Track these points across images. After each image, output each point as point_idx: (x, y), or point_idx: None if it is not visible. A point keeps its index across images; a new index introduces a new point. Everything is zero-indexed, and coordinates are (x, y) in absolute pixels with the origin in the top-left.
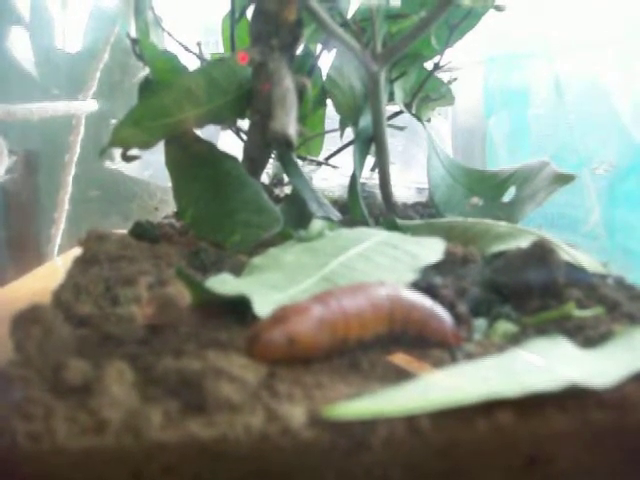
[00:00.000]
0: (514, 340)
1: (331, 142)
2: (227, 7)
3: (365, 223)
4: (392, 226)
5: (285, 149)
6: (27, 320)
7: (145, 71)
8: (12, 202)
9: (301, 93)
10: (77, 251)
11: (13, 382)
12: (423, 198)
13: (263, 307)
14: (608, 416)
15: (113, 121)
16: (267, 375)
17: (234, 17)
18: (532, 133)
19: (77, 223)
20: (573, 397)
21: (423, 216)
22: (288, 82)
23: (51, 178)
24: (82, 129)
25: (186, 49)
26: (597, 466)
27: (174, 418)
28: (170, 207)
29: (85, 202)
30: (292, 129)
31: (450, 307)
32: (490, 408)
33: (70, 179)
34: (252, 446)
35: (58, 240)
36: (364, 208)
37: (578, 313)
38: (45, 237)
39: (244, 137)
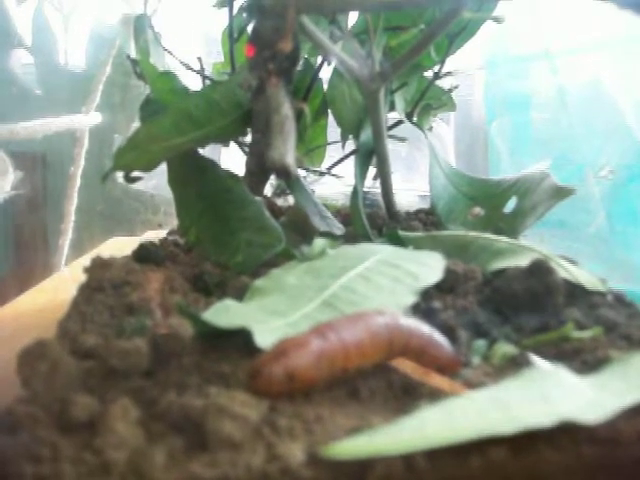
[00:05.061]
0: (513, 364)
1: (334, 150)
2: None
3: (367, 237)
4: (395, 239)
5: (284, 178)
6: (33, 356)
7: (146, 88)
8: (20, 216)
9: (299, 116)
10: (83, 261)
11: (21, 421)
12: (426, 205)
13: (264, 338)
14: (601, 451)
15: (116, 136)
16: (268, 410)
17: (232, 38)
18: (534, 137)
19: (82, 235)
20: (566, 431)
21: (426, 224)
22: (286, 109)
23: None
24: (86, 142)
25: (187, 67)
26: None
27: (177, 458)
28: (175, 219)
29: (90, 215)
30: (290, 158)
31: (449, 331)
32: (484, 444)
33: (75, 191)
34: None
35: (65, 251)
36: (366, 222)
37: (576, 334)
38: (53, 248)
39: (246, 149)
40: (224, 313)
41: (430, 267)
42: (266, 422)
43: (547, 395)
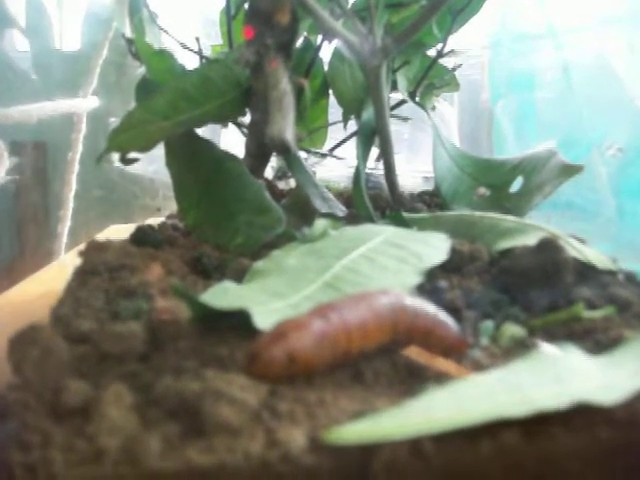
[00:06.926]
0: (522, 345)
1: (336, 131)
2: None
3: (370, 219)
4: (398, 220)
5: (283, 154)
6: (25, 341)
7: (142, 69)
8: (20, 203)
9: (299, 93)
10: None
11: (11, 407)
12: (430, 186)
13: (264, 320)
14: (618, 433)
15: (112, 119)
16: (268, 394)
17: (230, 15)
18: (540, 117)
19: (81, 221)
20: (581, 414)
21: (430, 206)
22: (285, 84)
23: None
24: (84, 126)
25: (184, 47)
26: None
27: (173, 443)
28: (174, 204)
29: (88, 201)
30: (289, 134)
31: (456, 311)
32: (495, 427)
33: (74, 177)
34: (252, 473)
35: (64, 237)
36: (369, 203)
37: (587, 314)
38: (52, 235)
39: (246, 130)
40: (222, 295)
41: (435, 247)
42: (265, 406)
43: (560, 376)
